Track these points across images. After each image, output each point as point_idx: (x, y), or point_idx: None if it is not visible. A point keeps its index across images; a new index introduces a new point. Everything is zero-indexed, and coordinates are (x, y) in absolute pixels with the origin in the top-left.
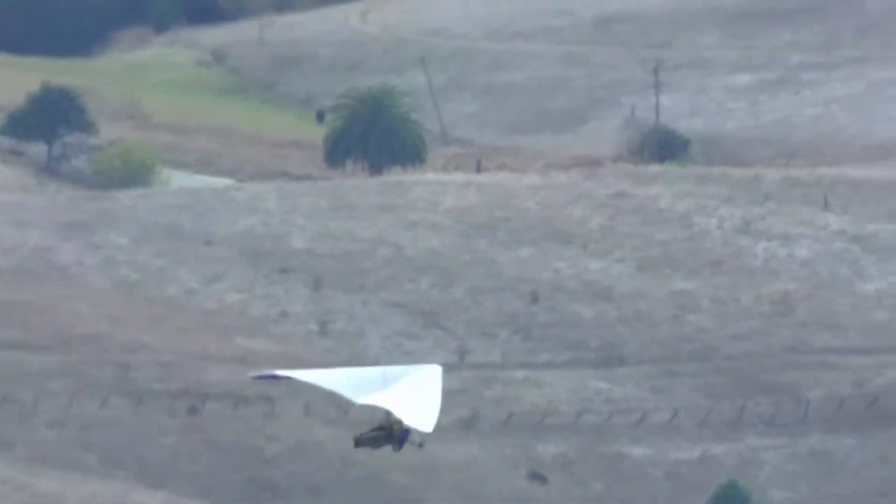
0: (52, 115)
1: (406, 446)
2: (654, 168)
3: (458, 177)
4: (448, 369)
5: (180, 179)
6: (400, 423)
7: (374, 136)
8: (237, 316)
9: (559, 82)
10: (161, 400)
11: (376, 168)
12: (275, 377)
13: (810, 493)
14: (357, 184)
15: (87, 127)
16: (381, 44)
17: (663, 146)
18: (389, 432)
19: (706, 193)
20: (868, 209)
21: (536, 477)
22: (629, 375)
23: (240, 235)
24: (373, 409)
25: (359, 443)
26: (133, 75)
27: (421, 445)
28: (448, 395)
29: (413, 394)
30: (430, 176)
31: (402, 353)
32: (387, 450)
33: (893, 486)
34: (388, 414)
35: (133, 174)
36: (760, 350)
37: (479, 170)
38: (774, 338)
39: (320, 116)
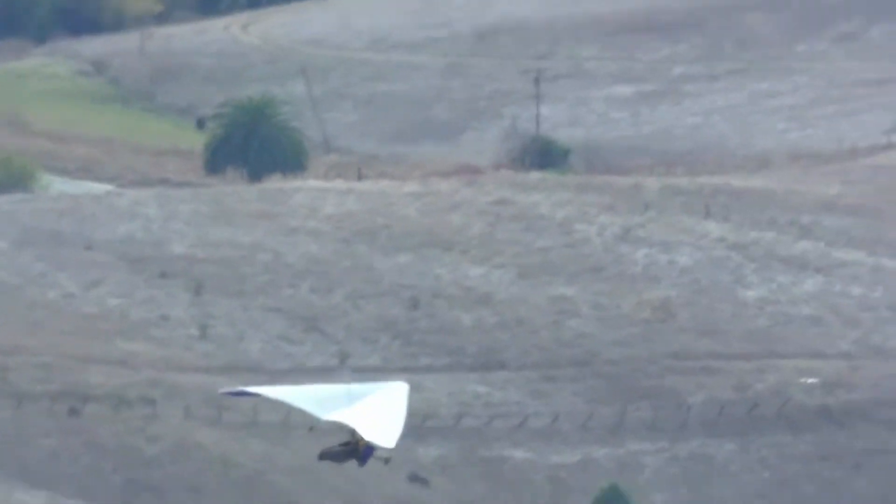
0: None
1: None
2: (535, 175)
3: (339, 184)
4: (328, 373)
5: (61, 185)
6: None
7: (254, 144)
8: (118, 320)
9: (440, 92)
10: (41, 401)
11: (256, 176)
12: (245, 394)
13: (691, 496)
14: (237, 190)
15: None
16: (261, 54)
17: (544, 155)
18: (355, 447)
19: (586, 201)
20: (748, 217)
21: (417, 479)
22: (509, 380)
23: (120, 241)
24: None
25: (323, 456)
26: (12, 85)
27: (387, 461)
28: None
29: (377, 410)
30: (311, 183)
31: (282, 356)
32: (266, 451)
33: (773, 490)
34: (353, 431)
35: (14, 180)
36: (641, 355)
37: (359, 177)
38: (655, 343)
39: (200, 124)
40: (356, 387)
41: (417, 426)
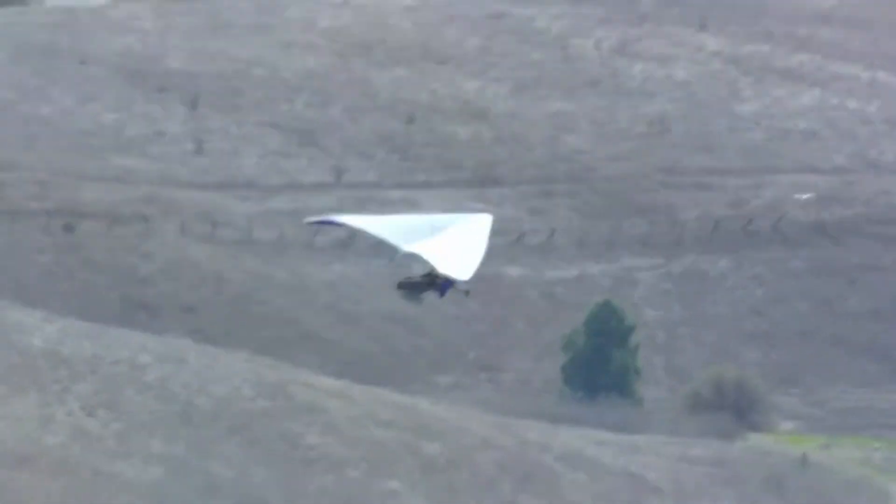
0: None
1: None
2: None
3: None
4: (324, 188)
5: None
6: None
7: None
8: (113, 135)
9: None
10: (36, 218)
11: None
12: (330, 223)
13: (684, 312)
14: (233, 3)
15: None
16: None
17: None
18: (434, 279)
19: (582, 14)
20: (744, 29)
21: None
22: (505, 196)
23: (116, 55)
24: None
25: (402, 286)
26: None
27: (467, 294)
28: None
29: (457, 242)
30: None
31: (278, 172)
32: (260, 269)
33: (767, 306)
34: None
35: None
36: (636, 171)
37: None
38: (650, 158)
39: None
40: (439, 218)
41: None
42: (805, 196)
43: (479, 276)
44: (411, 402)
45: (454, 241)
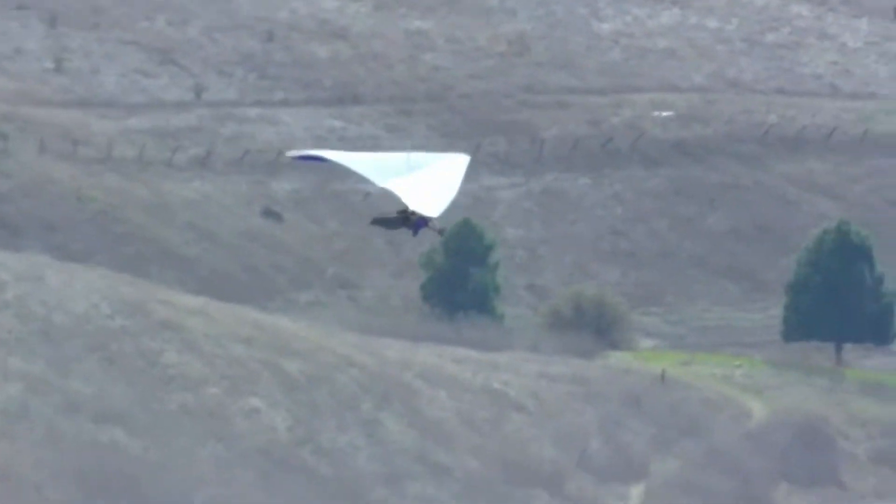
0: None
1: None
2: None
3: None
4: (184, 106)
5: None
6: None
7: None
8: None
9: None
10: None
11: None
12: (313, 158)
13: (545, 231)
14: None
15: None
16: None
17: None
18: (408, 216)
19: None
20: None
21: (271, 214)
22: (365, 114)
23: None
24: None
25: (375, 222)
26: None
27: (441, 232)
28: (184, 133)
29: (431, 181)
30: None
31: (138, 90)
32: (121, 186)
33: (627, 226)
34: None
35: None
36: (496, 89)
37: None
38: (510, 77)
39: None
40: (416, 156)
41: (271, 161)
42: (664, 114)
43: (336, 194)
44: (271, 319)
45: (428, 180)
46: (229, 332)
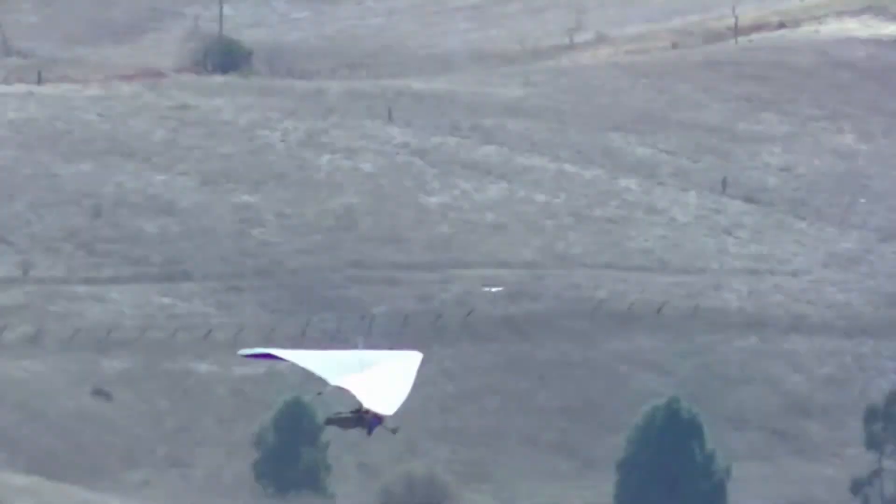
0: None
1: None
2: (217, 79)
3: (19, 87)
4: (11, 284)
5: None
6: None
7: None
8: None
9: None
10: None
11: None
12: (266, 356)
13: None
14: None
15: None
16: None
17: (226, 57)
18: (361, 416)
19: (270, 106)
20: (431, 122)
21: (101, 393)
22: (194, 291)
23: None
24: None
25: (329, 422)
26: None
27: (395, 432)
28: (11, 311)
29: (384, 378)
30: None
31: None
32: None
33: (457, 403)
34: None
35: None
36: (325, 265)
37: (40, 81)
38: (339, 252)
39: None
40: (368, 354)
41: (102, 339)
42: (494, 290)
43: (168, 372)
44: (101, 498)
45: (382, 377)
46: None
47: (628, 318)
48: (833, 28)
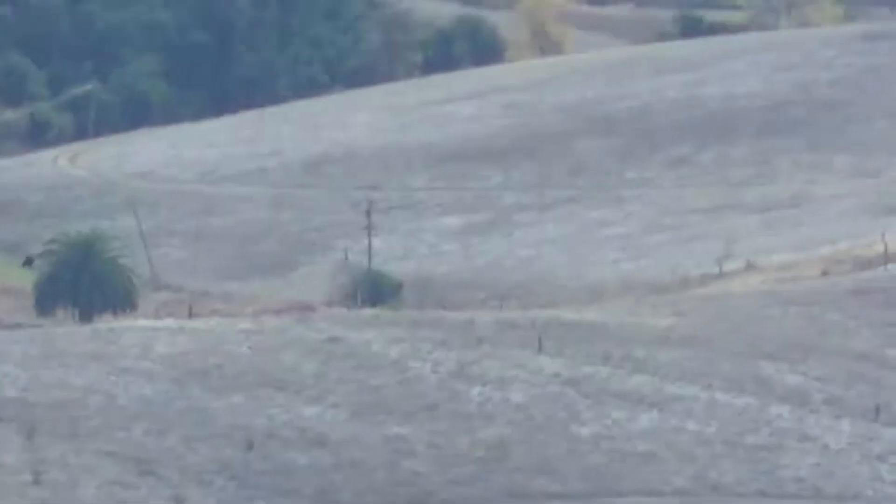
0: None
1: None
2: (367, 312)
3: (170, 322)
4: None
5: None
6: None
7: (84, 281)
8: None
9: (270, 226)
10: None
11: (87, 315)
12: None
13: None
14: (68, 331)
15: None
16: (89, 187)
17: (375, 289)
18: None
19: (420, 337)
20: (582, 351)
21: None
22: None
23: None
24: None
25: None
26: None
27: None
28: None
29: None
30: (142, 322)
31: (117, 502)
32: None
33: None
34: None
35: None
36: (477, 495)
37: (190, 315)
38: (491, 483)
39: (28, 262)
40: None
41: None
42: None
43: None
44: None
45: None
46: None
47: None
48: None
